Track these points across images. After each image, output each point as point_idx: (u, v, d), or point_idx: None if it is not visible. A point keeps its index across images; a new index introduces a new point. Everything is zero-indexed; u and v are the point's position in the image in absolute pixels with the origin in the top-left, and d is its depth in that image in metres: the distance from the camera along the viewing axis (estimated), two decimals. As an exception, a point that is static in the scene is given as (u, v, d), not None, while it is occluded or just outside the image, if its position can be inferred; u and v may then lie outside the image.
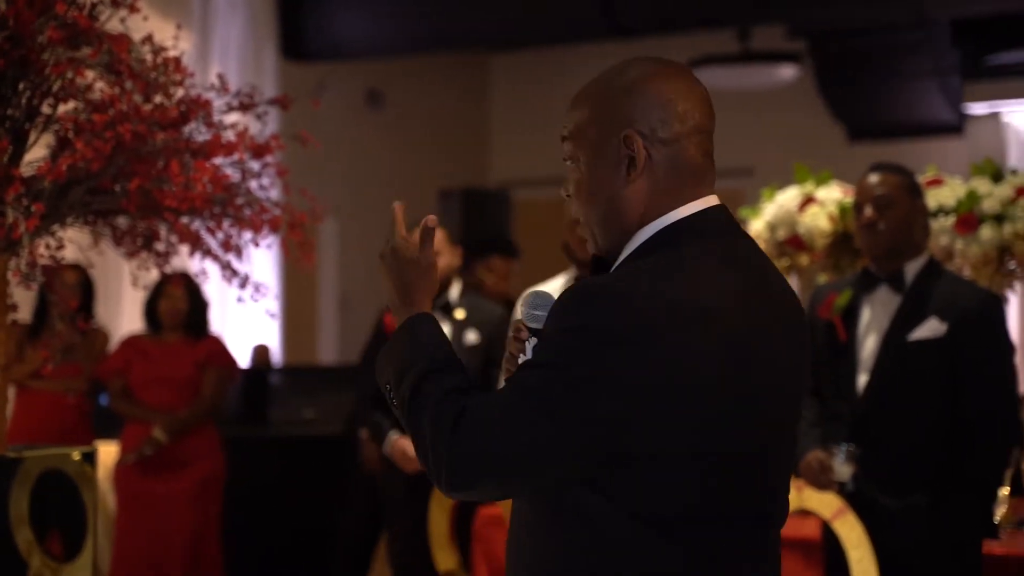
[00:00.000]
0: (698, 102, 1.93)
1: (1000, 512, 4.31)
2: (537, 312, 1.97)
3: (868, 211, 3.73)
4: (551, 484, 1.86)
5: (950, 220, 4.60)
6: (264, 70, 7.94)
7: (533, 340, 1.97)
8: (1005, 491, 4.45)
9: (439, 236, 4.87)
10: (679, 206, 1.90)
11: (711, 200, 1.92)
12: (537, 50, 9.82)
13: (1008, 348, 3.80)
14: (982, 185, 4.64)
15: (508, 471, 1.82)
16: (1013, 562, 4.07)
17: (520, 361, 1.97)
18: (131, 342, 5.87)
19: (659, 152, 1.90)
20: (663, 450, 1.79)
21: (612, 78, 1.95)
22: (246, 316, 7.28)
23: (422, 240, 2.04)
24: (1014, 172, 4.78)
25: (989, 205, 4.57)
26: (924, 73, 8.55)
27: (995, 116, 8.98)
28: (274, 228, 3.43)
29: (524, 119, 10.21)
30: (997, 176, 4.72)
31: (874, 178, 3.77)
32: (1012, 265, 4.60)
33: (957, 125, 8.83)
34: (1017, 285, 4.71)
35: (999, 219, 4.56)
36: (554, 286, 4.29)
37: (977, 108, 8.93)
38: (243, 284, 3.46)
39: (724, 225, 1.92)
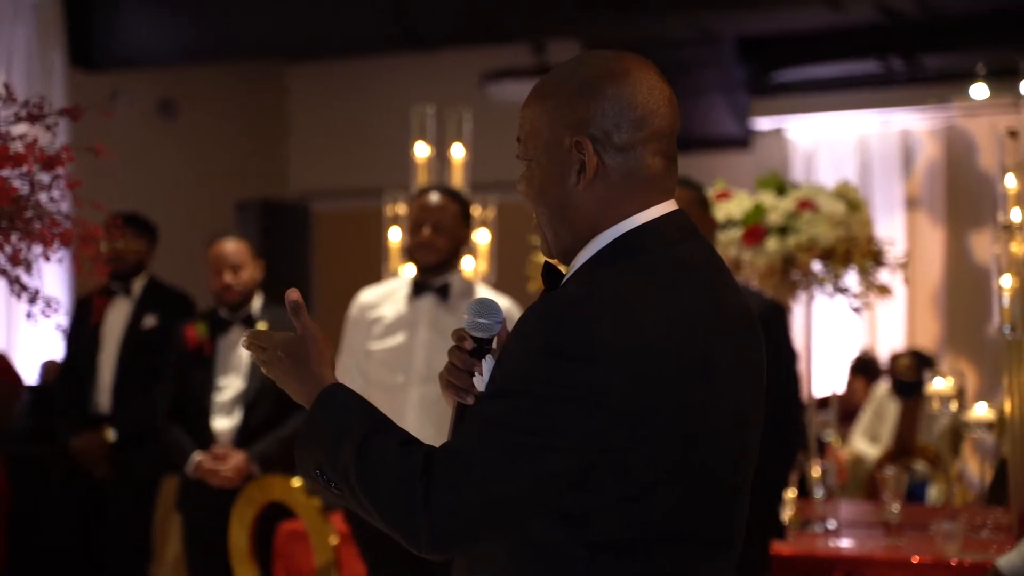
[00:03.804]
0: (658, 104, 1.82)
1: (787, 513, 4.48)
2: (482, 320, 1.87)
3: None
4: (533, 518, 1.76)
5: (738, 232, 4.75)
6: (53, 79, 7.68)
7: (490, 359, 1.87)
8: (792, 493, 4.62)
9: (240, 248, 4.81)
10: (636, 213, 1.81)
11: (670, 206, 1.85)
12: (333, 60, 9.77)
13: (792, 355, 3.96)
14: (767, 198, 4.81)
15: (499, 518, 1.71)
16: (800, 561, 4.23)
17: (475, 381, 1.86)
18: (-88, 359, 5.64)
19: (613, 159, 1.81)
20: (632, 469, 1.71)
21: (568, 74, 1.84)
22: (34, 332, 7.05)
23: (294, 316, 1.93)
24: (796, 186, 4.97)
25: (774, 218, 4.74)
26: (712, 88, 8.81)
27: (779, 131, 9.30)
28: (65, 242, 3.34)
29: (321, 130, 10.14)
30: (781, 189, 4.90)
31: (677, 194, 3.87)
32: (796, 275, 4.78)
33: (743, 139, 9.11)
34: (801, 294, 4.90)
35: (783, 231, 4.73)
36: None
37: (762, 123, 9.24)
38: (33, 299, 3.35)
39: (682, 232, 1.84)
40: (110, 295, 5.57)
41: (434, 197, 4.17)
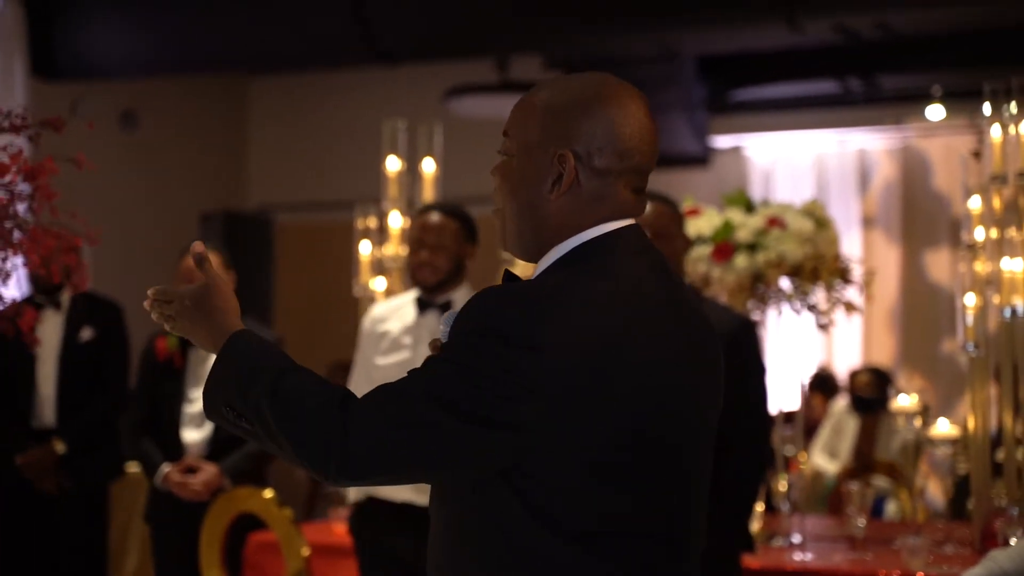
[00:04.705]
0: (643, 142, 1.91)
1: (755, 527, 4.54)
2: None
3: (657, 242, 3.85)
4: (448, 480, 1.83)
5: (707, 248, 4.82)
6: (14, 88, 7.65)
7: None
8: (760, 507, 4.68)
9: (212, 259, 4.81)
10: (596, 225, 1.89)
11: (628, 221, 1.92)
12: (296, 74, 9.78)
13: (761, 371, 4.00)
14: (736, 215, 4.88)
15: (404, 461, 1.77)
16: (767, 575, 4.29)
17: None
18: None
19: (589, 180, 1.89)
20: (573, 461, 1.77)
21: (572, 90, 1.91)
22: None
23: (199, 267, 2.00)
24: (766, 204, 5.04)
25: (743, 235, 4.80)
26: (672, 106, 8.88)
27: (738, 149, 9.40)
28: (46, 252, 3.34)
29: (283, 143, 10.14)
30: (748, 207, 4.97)
31: (650, 207, 3.91)
32: (764, 292, 4.85)
33: (703, 157, 9.20)
34: (769, 310, 4.97)
35: (752, 248, 4.80)
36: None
37: (721, 141, 9.33)
38: (7, 311, 3.35)
39: (637, 243, 1.91)
40: (37, 308, 5.48)
41: (434, 216, 4.14)
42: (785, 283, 4.85)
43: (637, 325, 1.81)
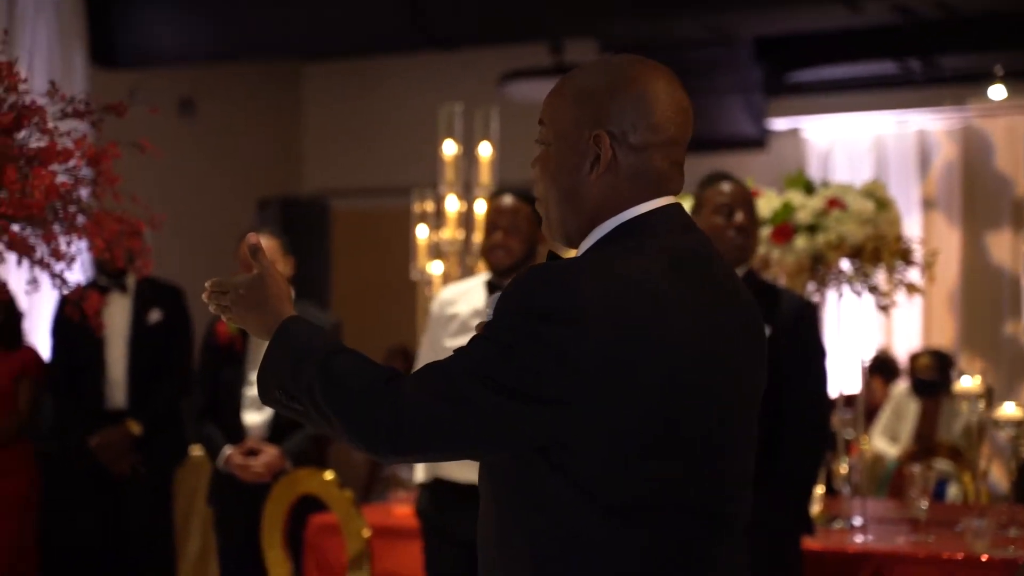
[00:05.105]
0: (675, 113, 1.94)
1: (815, 510, 4.51)
2: None
3: (740, 216, 3.85)
4: (493, 455, 1.88)
5: (766, 230, 4.78)
6: (73, 77, 7.72)
7: None
8: (820, 490, 4.66)
9: (272, 246, 4.85)
10: (636, 205, 1.93)
11: (667, 199, 1.95)
12: (350, 60, 9.81)
13: (822, 354, 3.97)
14: (795, 197, 4.84)
15: (449, 437, 1.81)
16: (828, 557, 4.26)
17: None
18: (-59, 354, 5.67)
19: (626, 157, 1.92)
20: (613, 435, 1.80)
21: (599, 72, 1.96)
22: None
23: (253, 258, 2.07)
24: (826, 185, 5.00)
25: (803, 216, 4.76)
26: (728, 89, 8.83)
27: (795, 131, 9.32)
28: (110, 236, 3.37)
29: (337, 129, 10.18)
30: (808, 188, 4.93)
31: (733, 186, 3.90)
32: (824, 273, 4.81)
33: (760, 140, 9.14)
34: (830, 292, 4.93)
35: (812, 229, 4.76)
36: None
37: (778, 123, 9.26)
38: (74, 294, 3.39)
39: (678, 221, 1.94)
40: (103, 292, 5.57)
41: (508, 200, 4.17)
42: (845, 265, 4.81)
43: (675, 302, 1.83)
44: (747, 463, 1.97)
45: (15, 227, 3.27)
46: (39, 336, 7.07)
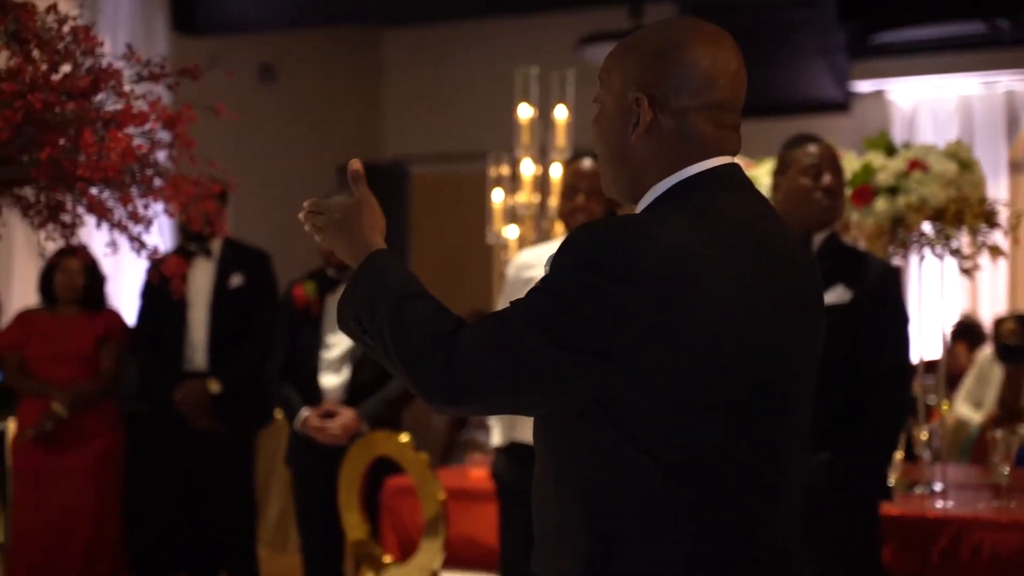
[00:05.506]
0: (722, 76, 1.93)
1: (894, 475, 4.46)
2: None
3: (828, 178, 3.81)
4: (546, 409, 1.88)
5: (846, 193, 4.71)
6: (155, 43, 7.81)
7: None
8: (899, 455, 4.60)
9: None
10: (687, 166, 1.93)
11: (723, 159, 1.95)
12: (429, 25, 9.81)
13: (904, 319, 3.91)
14: (876, 159, 4.76)
15: (502, 388, 1.82)
16: (907, 522, 4.22)
17: None
18: (26, 317, 5.78)
19: (667, 119, 1.93)
20: (666, 393, 1.80)
21: (650, 36, 1.97)
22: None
23: (354, 184, 2.10)
24: (907, 146, 4.91)
25: (883, 178, 4.68)
26: (811, 51, 8.71)
27: (879, 93, 9.18)
28: (186, 200, 3.40)
29: (416, 95, 10.19)
30: (890, 150, 4.84)
31: (820, 147, 3.86)
32: (905, 236, 4.73)
33: (843, 102, 9.01)
34: (911, 256, 4.84)
35: (893, 191, 4.68)
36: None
37: (862, 86, 9.12)
38: (151, 257, 3.42)
39: (734, 180, 1.95)
40: (188, 256, 5.67)
41: (588, 163, 4.15)
42: (927, 227, 4.72)
43: (726, 260, 1.83)
44: (801, 425, 1.96)
45: (93, 190, 3.31)
46: (124, 300, 7.19)
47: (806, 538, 3.67)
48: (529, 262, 4.26)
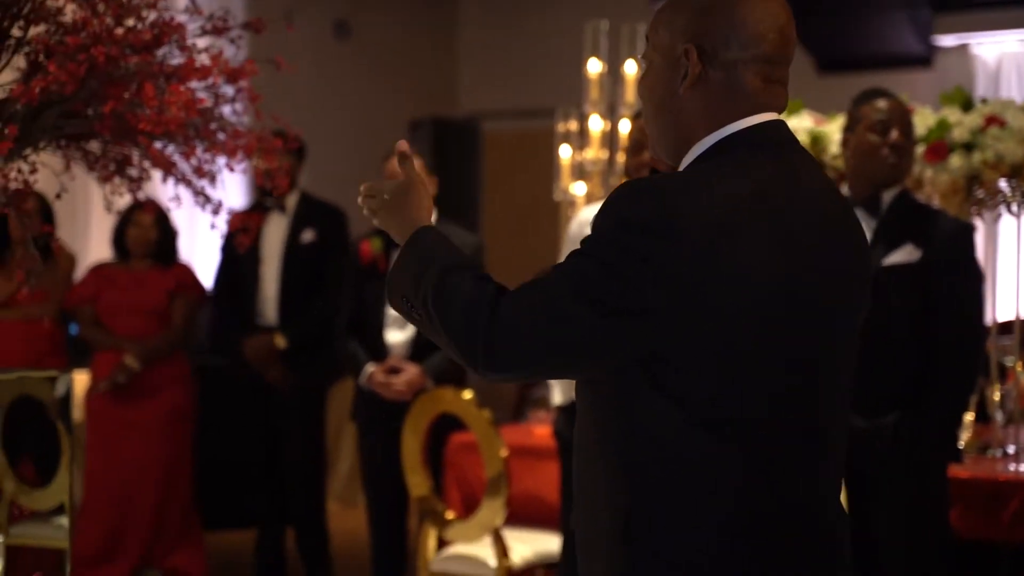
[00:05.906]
0: (770, 30, 1.93)
1: (965, 437, 4.38)
2: None
3: (896, 134, 3.75)
4: (589, 371, 1.90)
5: (920, 149, 4.62)
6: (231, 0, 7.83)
7: None
8: (970, 417, 4.51)
9: (415, 164, 4.86)
10: (733, 121, 1.93)
11: (769, 115, 1.95)
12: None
13: (979, 278, 3.84)
14: (952, 114, 4.66)
15: (544, 352, 1.83)
16: (977, 485, 4.14)
17: None
18: (100, 270, 5.84)
19: (716, 72, 1.93)
20: (707, 350, 1.81)
21: None
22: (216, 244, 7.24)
23: (402, 164, 2.14)
24: (984, 101, 4.80)
25: (959, 134, 4.59)
26: (894, 5, 8.54)
27: (963, 48, 8.98)
28: (249, 153, 3.40)
29: (491, 51, 10.14)
30: (967, 105, 4.73)
31: (889, 102, 3.78)
32: (980, 194, 4.63)
33: (926, 57, 8.83)
34: (986, 213, 4.75)
35: (968, 148, 4.58)
36: None
37: (945, 40, 8.92)
38: (216, 211, 3.43)
39: (779, 137, 1.95)
40: (264, 211, 5.70)
41: None
42: (1004, 185, 4.62)
43: (767, 218, 1.83)
44: (844, 383, 1.95)
45: (156, 144, 3.32)
46: (198, 255, 7.26)
47: (873, 500, 3.65)
48: (589, 219, 4.22)
